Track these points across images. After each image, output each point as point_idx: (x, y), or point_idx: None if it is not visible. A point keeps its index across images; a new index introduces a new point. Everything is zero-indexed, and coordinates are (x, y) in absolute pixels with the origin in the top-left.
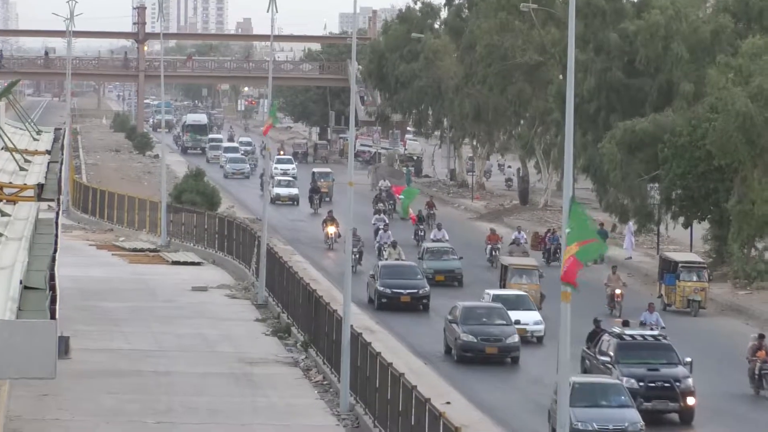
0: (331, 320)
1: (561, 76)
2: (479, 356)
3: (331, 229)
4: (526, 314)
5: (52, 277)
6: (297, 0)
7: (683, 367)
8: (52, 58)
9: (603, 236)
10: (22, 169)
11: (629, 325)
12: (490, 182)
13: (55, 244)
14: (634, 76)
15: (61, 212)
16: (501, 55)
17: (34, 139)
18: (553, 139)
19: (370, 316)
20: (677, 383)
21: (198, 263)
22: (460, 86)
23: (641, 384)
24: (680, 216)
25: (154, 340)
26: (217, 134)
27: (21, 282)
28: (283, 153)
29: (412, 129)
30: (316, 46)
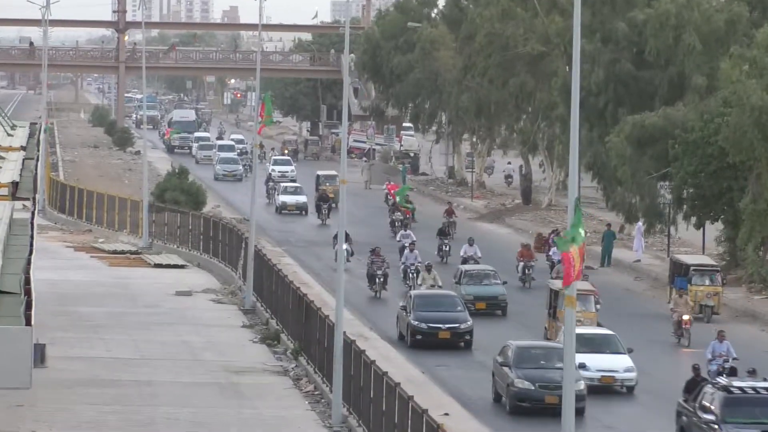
0: (323, 326)
1: (567, 68)
2: (537, 406)
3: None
4: (615, 359)
5: (27, 281)
6: None
7: None
8: (35, 49)
9: (610, 237)
10: None
11: (756, 373)
12: (491, 180)
13: (31, 245)
14: (643, 68)
15: (36, 212)
16: (502, 45)
17: (8, 135)
18: (557, 135)
19: (363, 323)
20: None
21: (182, 266)
22: (459, 79)
23: None
24: (692, 216)
25: (136, 347)
26: (204, 132)
27: None
28: (287, 152)
29: (409, 124)
30: (307, 36)
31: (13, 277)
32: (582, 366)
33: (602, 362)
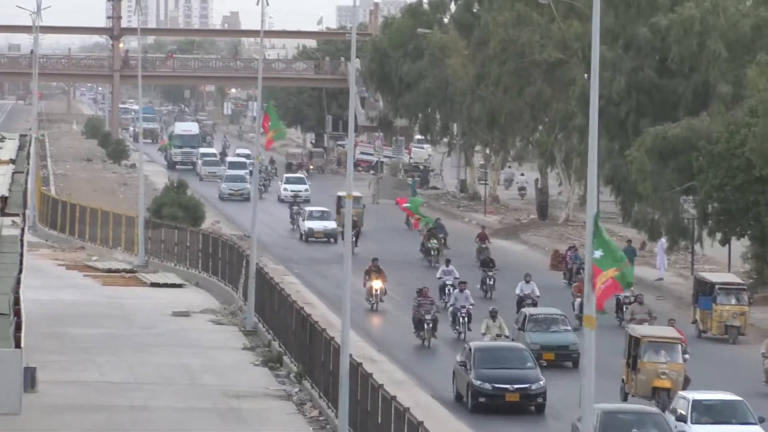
0: (328, 348)
1: (585, 76)
2: None
3: (377, 284)
4: (745, 431)
5: (16, 301)
6: None
7: None
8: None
9: (631, 254)
10: None
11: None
12: (504, 194)
13: (20, 264)
14: (666, 76)
15: (26, 228)
16: (517, 52)
17: None
18: (575, 147)
19: (371, 345)
20: None
21: (179, 285)
22: (471, 87)
23: None
24: (717, 232)
25: (130, 371)
26: (210, 147)
27: None
28: (312, 169)
29: (421, 137)
30: (311, 43)
31: (2, 297)
32: None
33: None
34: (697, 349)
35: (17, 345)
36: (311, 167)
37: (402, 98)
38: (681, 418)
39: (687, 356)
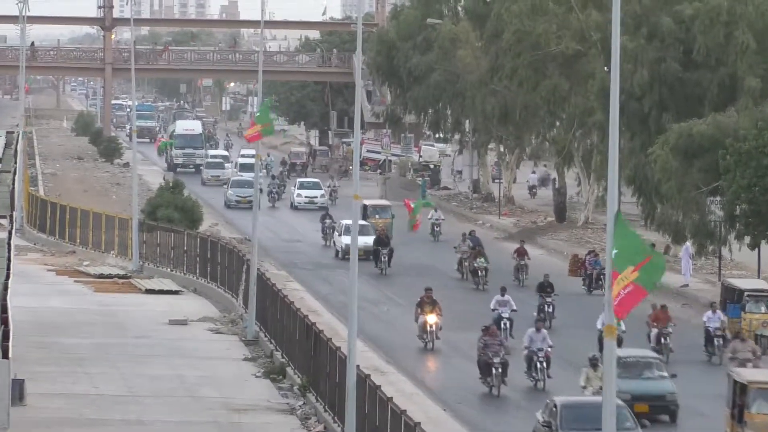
0: (334, 359)
1: (605, 69)
2: None
3: (432, 319)
4: None
5: (4, 309)
6: None
7: None
8: (36, 50)
9: None
10: None
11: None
12: (519, 195)
13: (8, 269)
14: (690, 68)
15: (14, 231)
16: (532, 44)
17: None
18: (594, 144)
19: (379, 355)
20: None
21: (176, 292)
22: (484, 81)
23: None
24: (746, 235)
25: (124, 383)
26: (215, 148)
27: None
28: (340, 170)
29: (429, 133)
30: (315, 34)
31: None
32: None
33: None
34: None
35: (4, 355)
36: (344, 170)
37: (410, 93)
38: None
39: None
